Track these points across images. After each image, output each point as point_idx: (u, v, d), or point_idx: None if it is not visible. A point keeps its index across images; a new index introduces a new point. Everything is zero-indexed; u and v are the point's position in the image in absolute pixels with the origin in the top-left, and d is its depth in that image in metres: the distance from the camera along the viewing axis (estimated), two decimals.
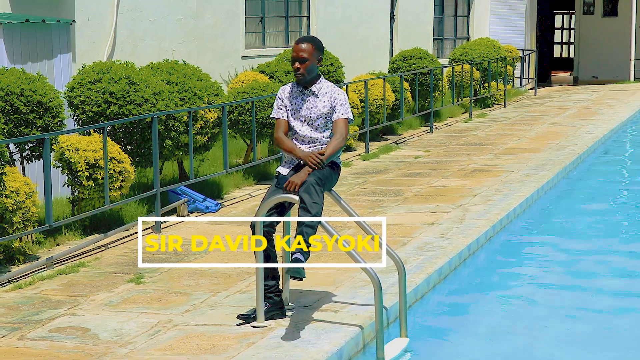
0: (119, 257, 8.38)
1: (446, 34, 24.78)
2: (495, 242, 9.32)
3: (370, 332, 6.26)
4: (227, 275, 7.61)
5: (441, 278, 7.84)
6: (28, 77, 9.02)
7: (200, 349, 5.85)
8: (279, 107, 6.50)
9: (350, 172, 12.86)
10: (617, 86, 26.32)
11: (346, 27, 19.29)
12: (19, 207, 7.86)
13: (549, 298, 7.80)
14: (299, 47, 6.35)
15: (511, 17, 26.09)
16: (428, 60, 18.36)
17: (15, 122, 8.77)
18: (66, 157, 8.79)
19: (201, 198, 10.32)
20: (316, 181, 6.14)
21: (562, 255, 9.22)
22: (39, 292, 7.24)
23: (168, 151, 10.30)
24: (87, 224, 9.13)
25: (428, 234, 8.95)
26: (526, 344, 6.64)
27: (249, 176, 12.05)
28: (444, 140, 16.21)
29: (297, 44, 6.38)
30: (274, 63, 14.50)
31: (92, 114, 9.75)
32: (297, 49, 6.36)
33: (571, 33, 32.47)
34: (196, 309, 6.69)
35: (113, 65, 10.15)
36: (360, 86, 15.10)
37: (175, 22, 14.39)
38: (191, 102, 10.76)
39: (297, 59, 6.35)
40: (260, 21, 16.97)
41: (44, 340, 6.09)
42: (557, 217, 10.94)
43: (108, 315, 6.61)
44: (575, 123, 18.15)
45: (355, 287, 7.10)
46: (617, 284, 8.16)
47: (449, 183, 11.77)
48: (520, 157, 13.79)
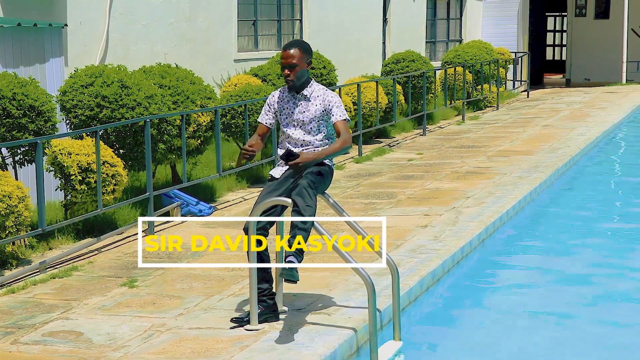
0: (112, 260, 8.37)
1: (439, 36, 24.82)
2: (489, 245, 9.33)
3: (364, 335, 6.26)
4: (221, 279, 7.60)
5: (434, 280, 7.84)
6: (20, 81, 9.00)
7: (194, 352, 5.84)
8: (265, 112, 6.54)
9: (343, 175, 12.86)
10: (610, 88, 26.38)
11: (339, 30, 19.31)
12: (11, 211, 7.84)
13: (543, 300, 7.80)
14: (287, 53, 6.34)
15: (503, 19, 26.15)
16: (421, 63, 18.39)
17: (7, 126, 8.76)
18: (59, 161, 8.77)
19: (194, 202, 10.32)
20: (309, 184, 6.14)
21: (555, 257, 9.23)
22: (32, 296, 7.23)
23: (161, 155, 10.29)
24: (80, 227, 9.12)
25: (421, 236, 8.96)
26: (520, 346, 6.65)
27: (242, 179, 12.05)
28: (436, 142, 16.22)
29: (285, 50, 6.36)
30: (266, 66, 14.51)
31: (85, 118, 9.74)
32: (285, 56, 6.34)
33: (563, 35, 32.53)
34: (190, 313, 6.69)
35: (105, 69, 10.14)
36: (353, 89, 15.11)
37: (168, 26, 14.39)
38: (184, 106, 10.75)
39: (286, 65, 6.34)
40: (253, 24, 16.97)
41: (37, 344, 6.08)
42: (550, 218, 10.96)
43: (101, 319, 6.59)
44: (568, 125, 18.19)
45: (349, 290, 7.10)
46: (613, 285, 8.17)
47: (442, 185, 11.78)
48: (513, 160, 13.81)
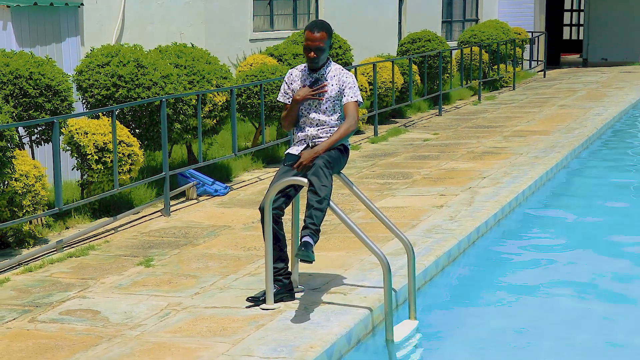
0: (129, 240, 8.40)
1: (455, 16, 24.70)
2: (505, 224, 9.31)
3: (380, 315, 6.27)
4: (237, 258, 7.62)
5: (450, 260, 7.84)
6: (36, 60, 9.02)
7: (210, 331, 5.87)
8: (285, 92, 6.51)
9: (359, 155, 12.85)
10: (627, 68, 26.22)
11: (355, 10, 19.23)
12: (28, 191, 7.89)
13: (559, 278, 7.79)
14: (314, 35, 6.27)
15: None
16: (437, 43, 18.31)
17: (24, 105, 8.78)
18: (75, 140, 8.80)
19: (210, 181, 10.33)
20: (325, 164, 6.14)
21: (572, 236, 9.20)
22: (49, 275, 7.27)
23: (177, 134, 10.30)
24: (97, 207, 9.16)
25: (437, 216, 8.95)
26: (536, 325, 6.64)
27: (258, 159, 12.05)
28: (452, 122, 16.18)
29: (311, 32, 6.28)
30: (282, 46, 14.48)
31: (101, 97, 9.75)
32: (312, 38, 6.27)
33: (581, 15, 32.31)
34: (206, 292, 6.71)
35: (121, 49, 10.14)
36: (369, 69, 15.06)
37: (184, 5, 14.36)
38: (200, 86, 10.75)
39: (313, 48, 6.28)
40: (269, 4, 16.92)
41: (54, 322, 6.12)
42: (567, 198, 10.93)
43: (118, 297, 6.63)
44: (585, 105, 18.10)
45: (364, 270, 7.11)
46: (627, 267, 8.15)
47: (458, 166, 11.76)
48: (529, 140, 13.76)
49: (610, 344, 6.33)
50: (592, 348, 6.25)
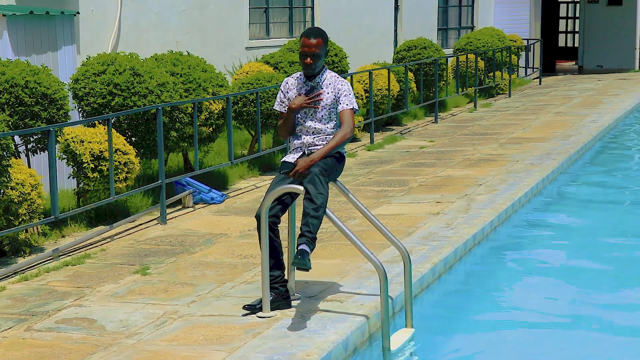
0: (125, 248, 8.40)
1: (451, 23, 24.74)
2: (501, 232, 9.32)
3: (376, 322, 6.26)
4: (233, 266, 7.62)
5: (447, 268, 7.84)
6: (32, 69, 9.02)
7: (207, 339, 5.86)
8: (281, 101, 6.52)
9: (355, 162, 12.86)
10: (622, 75, 26.27)
11: (350, 18, 19.26)
12: (24, 199, 7.88)
13: (556, 286, 7.79)
14: (310, 42, 6.29)
15: (516, 6, 26.05)
16: (432, 50, 18.33)
17: (20, 114, 8.78)
18: (71, 148, 8.79)
19: (206, 189, 10.33)
20: (321, 172, 6.14)
21: (569, 242, 9.21)
22: (45, 284, 7.26)
23: (173, 142, 10.30)
24: (93, 215, 9.15)
25: (433, 223, 8.95)
26: (534, 333, 6.64)
27: (254, 167, 12.06)
28: (448, 130, 16.19)
29: (307, 38, 6.30)
30: (278, 54, 14.49)
31: (97, 106, 9.75)
32: (309, 44, 6.29)
33: (576, 22, 32.37)
34: (202, 300, 6.71)
35: (117, 57, 10.14)
36: (364, 76, 15.08)
37: (180, 14, 14.38)
38: (196, 94, 10.76)
39: (310, 54, 6.30)
40: (265, 12, 16.94)
41: (50, 331, 6.11)
42: (563, 205, 10.94)
43: (114, 306, 6.62)
44: (580, 112, 18.13)
45: (360, 277, 7.11)
46: (625, 273, 8.16)
47: (454, 173, 11.77)
48: (525, 147, 13.78)
49: (611, 350, 6.33)
50: (592, 354, 6.25)
